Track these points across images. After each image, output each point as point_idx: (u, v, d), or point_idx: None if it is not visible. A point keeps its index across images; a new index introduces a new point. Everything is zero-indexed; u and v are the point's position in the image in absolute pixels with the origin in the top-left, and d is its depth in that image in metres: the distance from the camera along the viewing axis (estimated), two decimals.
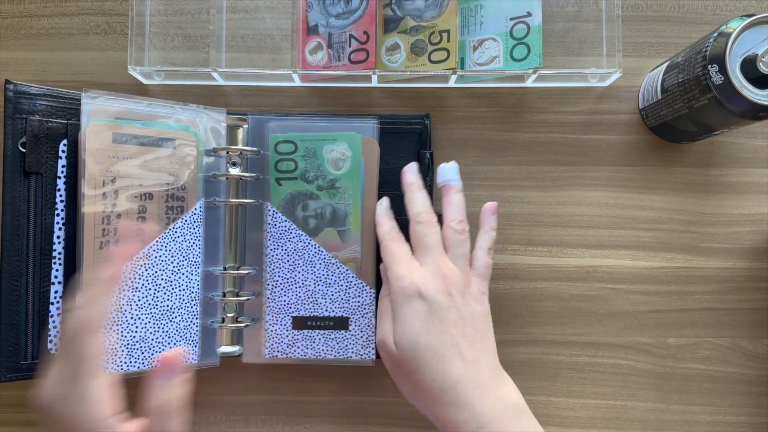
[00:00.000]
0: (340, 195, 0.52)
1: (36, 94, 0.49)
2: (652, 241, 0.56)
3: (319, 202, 0.52)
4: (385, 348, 0.46)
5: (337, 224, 0.52)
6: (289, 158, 0.52)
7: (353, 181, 0.52)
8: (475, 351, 0.45)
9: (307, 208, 0.52)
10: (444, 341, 0.44)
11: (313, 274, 0.52)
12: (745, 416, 0.55)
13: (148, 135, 0.50)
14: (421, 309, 0.45)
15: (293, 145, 0.52)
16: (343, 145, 0.52)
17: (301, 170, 0.52)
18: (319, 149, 0.52)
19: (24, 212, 0.49)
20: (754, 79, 0.43)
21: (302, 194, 0.52)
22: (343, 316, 0.52)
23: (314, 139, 0.52)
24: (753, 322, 0.56)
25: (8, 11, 0.57)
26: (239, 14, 0.57)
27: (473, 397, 0.43)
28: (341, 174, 0.52)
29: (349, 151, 0.52)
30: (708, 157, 0.56)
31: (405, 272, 0.46)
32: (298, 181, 0.52)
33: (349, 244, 0.52)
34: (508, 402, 0.45)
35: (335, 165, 0.52)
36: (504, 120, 0.57)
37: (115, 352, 0.49)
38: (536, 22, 0.54)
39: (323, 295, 0.52)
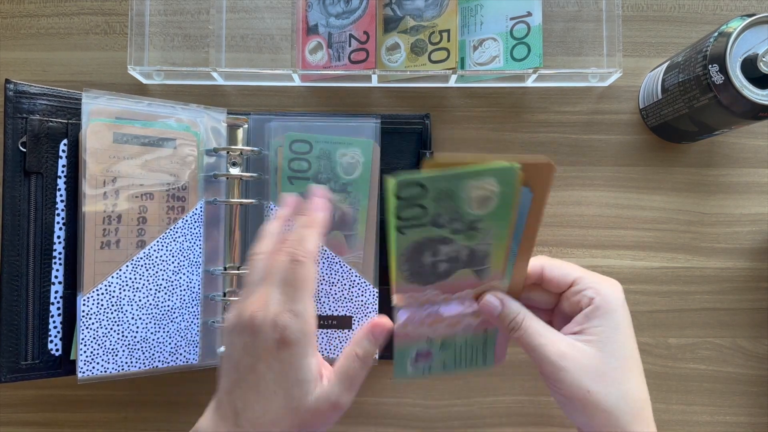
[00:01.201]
0: (351, 199, 0.52)
1: (36, 93, 0.49)
2: (653, 241, 0.56)
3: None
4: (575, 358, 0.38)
5: (345, 228, 0.52)
6: (303, 158, 0.52)
7: (363, 187, 0.52)
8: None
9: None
10: (638, 352, 0.41)
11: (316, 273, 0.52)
12: (746, 416, 0.55)
13: (148, 135, 0.50)
14: (625, 315, 0.40)
15: (308, 145, 0.52)
16: (356, 150, 0.52)
17: (315, 171, 0.52)
18: (333, 152, 0.52)
19: (24, 212, 0.48)
20: (754, 78, 0.44)
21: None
22: (346, 315, 0.52)
23: (329, 141, 0.52)
24: (753, 322, 0.56)
25: (8, 11, 0.57)
26: (239, 14, 0.57)
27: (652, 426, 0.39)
28: (352, 179, 0.52)
29: (362, 157, 0.52)
30: (708, 157, 0.56)
31: (603, 279, 0.41)
32: (310, 181, 0.52)
33: (355, 249, 0.52)
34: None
35: (347, 169, 0.52)
36: (504, 120, 0.57)
37: (116, 351, 0.49)
38: (536, 21, 0.54)
39: (326, 294, 0.52)
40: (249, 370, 0.37)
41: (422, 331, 0.42)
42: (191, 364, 0.52)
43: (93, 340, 0.48)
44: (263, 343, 0.37)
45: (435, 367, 0.43)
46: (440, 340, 0.42)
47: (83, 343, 0.48)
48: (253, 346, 0.37)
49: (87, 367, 0.48)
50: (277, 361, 0.37)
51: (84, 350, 0.48)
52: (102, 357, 0.48)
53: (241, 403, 0.37)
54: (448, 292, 0.40)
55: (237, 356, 0.38)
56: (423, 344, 0.42)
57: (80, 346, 0.48)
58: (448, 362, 0.43)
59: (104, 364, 0.48)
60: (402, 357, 0.42)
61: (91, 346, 0.48)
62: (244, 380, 0.37)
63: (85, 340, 0.48)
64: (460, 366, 0.44)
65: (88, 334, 0.48)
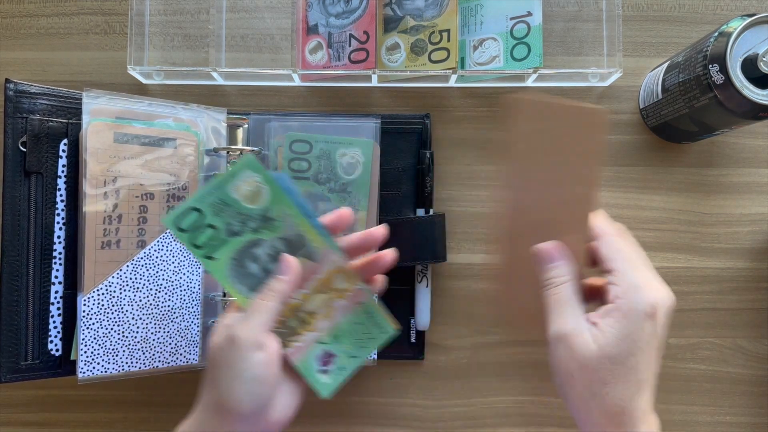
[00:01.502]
0: (351, 200, 0.52)
1: (36, 93, 0.49)
2: (653, 241, 0.56)
3: (329, 205, 0.52)
4: (573, 343, 0.38)
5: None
6: (303, 158, 0.52)
7: (363, 187, 0.52)
8: (654, 388, 0.40)
9: (316, 210, 0.52)
10: (650, 370, 0.39)
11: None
12: (746, 416, 0.55)
13: (149, 135, 0.50)
14: (648, 329, 0.38)
15: (308, 145, 0.52)
16: (356, 150, 0.52)
17: (315, 171, 0.52)
18: (333, 152, 0.52)
19: (24, 212, 0.48)
20: (754, 78, 0.44)
21: (314, 195, 0.52)
22: None
23: (329, 141, 0.52)
24: (753, 322, 0.56)
25: (8, 11, 0.57)
26: (239, 14, 0.57)
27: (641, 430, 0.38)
28: (352, 179, 0.52)
29: (362, 157, 0.52)
30: (708, 157, 0.56)
31: (645, 283, 0.39)
32: (310, 181, 0.52)
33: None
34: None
35: (347, 169, 0.52)
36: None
37: (116, 351, 0.49)
38: (536, 21, 0.54)
39: None
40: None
41: (308, 338, 0.43)
42: (191, 364, 0.52)
43: (93, 340, 0.48)
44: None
45: (344, 362, 0.44)
46: (329, 335, 0.43)
47: (83, 343, 0.48)
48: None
49: (87, 368, 0.48)
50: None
51: (84, 350, 0.48)
52: (102, 357, 0.48)
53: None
54: (300, 289, 0.42)
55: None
56: (317, 348, 0.43)
57: (80, 346, 0.48)
58: (352, 351, 0.44)
59: (104, 364, 0.48)
60: (311, 373, 0.43)
61: (92, 346, 0.48)
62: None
63: (86, 340, 0.48)
64: (365, 347, 0.45)
65: (88, 334, 0.48)
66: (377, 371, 0.55)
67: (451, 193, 0.56)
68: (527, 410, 0.55)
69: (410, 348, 0.55)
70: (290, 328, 0.42)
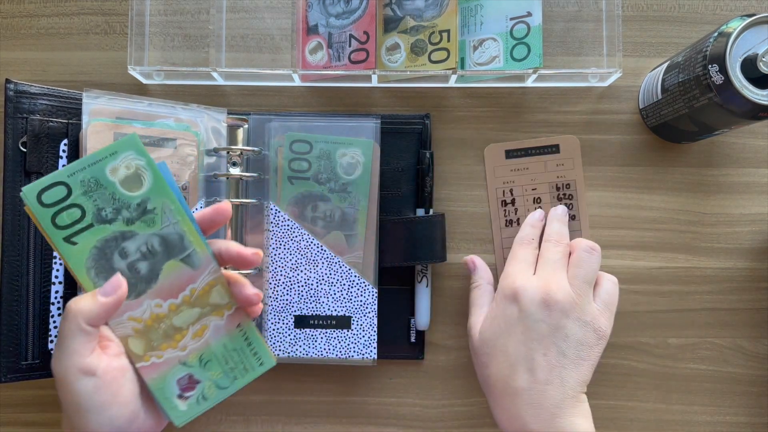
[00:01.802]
0: (351, 200, 0.52)
1: (36, 93, 0.49)
2: (653, 241, 0.56)
3: (329, 205, 0.52)
4: (470, 333, 0.49)
5: (346, 228, 0.52)
6: (303, 158, 0.52)
7: (363, 187, 0.52)
8: (550, 373, 0.44)
9: (316, 210, 0.52)
10: (519, 351, 0.44)
11: (316, 273, 0.52)
12: (746, 416, 0.55)
13: (149, 135, 0.50)
14: (511, 312, 0.45)
15: (308, 145, 0.52)
16: (356, 150, 0.52)
17: (315, 171, 0.52)
18: (333, 152, 0.52)
19: (24, 212, 0.48)
20: (754, 78, 0.43)
21: (314, 195, 0.52)
22: (345, 315, 0.52)
23: (329, 141, 0.52)
24: (753, 322, 0.56)
25: (8, 11, 0.57)
26: (239, 14, 0.57)
27: (527, 414, 0.43)
28: (352, 179, 0.52)
29: (362, 158, 0.52)
30: (708, 157, 0.56)
31: (513, 273, 0.48)
32: (310, 181, 0.52)
33: (355, 249, 0.52)
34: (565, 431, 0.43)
35: (347, 169, 0.52)
36: (504, 120, 0.57)
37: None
38: (536, 21, 0.54)
39: (326, 294, 0.52)
40: None
41: (169, 356, 0.37)
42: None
43: None
44: None
45: (209, 392, 0.39)
46: (196, 357, 0.38)
47: None
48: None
49: None
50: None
51: None
52: None
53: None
54: (171, 297, 0.36)
55: None
56: (179, 369, 0.38)
57: None
58: (221, 381, 0.39)
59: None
60: (165, 396, 0.37)
61: None
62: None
63: None
64: (237, 378, 0.39)
65: None
66: (377, 371, 0.55)
67: (451, 193, 0.56)
68: None
69: (410, 348, 0.55)
70: (149, 340, 0.37)
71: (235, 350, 0.38)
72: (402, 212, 0.54)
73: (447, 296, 0.56)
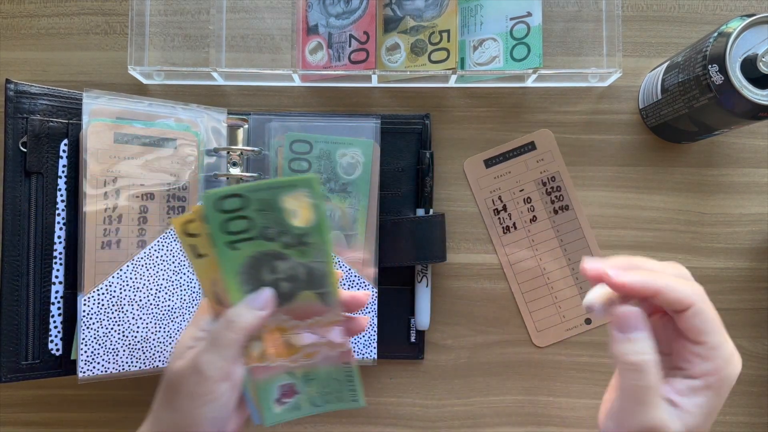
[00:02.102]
0: (351, 200, 0.52)
1: (37, 93, 0.49)
2: (652, 241, 0.56)
3: (330, 205, 0.52)
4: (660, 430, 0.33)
5: (346, 228, 0.52)
6: (303, 158, 0.52)
7: (363, 187, 0.52)
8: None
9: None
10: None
11: None
12: (745, 416, 0.55)
13: (149, 135, 0.50)
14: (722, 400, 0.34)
15: (308, 145, 0.52)
16: (356, 150, 0.52)
17: (315, 171, 0.52)
18: (333, 152, 0.52)
19: (25, 212, 0.48)
20: (754, 79, 0.44)
21: None
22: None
23: (329, 141, 0.52)
24: (753, 322, 0.56)
25: (8, 11, 0.57)
26: (239, 14, 0.57)
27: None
28: (352, 179, 0.52)
29: (362, 157, 0.52)
30: (708, 157, 0.56)
31: (732, 355, 0.34)
32: None
33: (355, 248, 0.52)
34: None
35: (347, 169, 0.52)
36: (504, 120, 0.57)
37: (116, 351, 0.49)
38: (536, 22, 0.54)
39: None
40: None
41: (280, 364, 0.40)
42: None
43: (93, 340, 0.48)
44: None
45: (303, 404, 0.41)
46: (302, 372, 0.40)
47: (84, 343, 0.48)
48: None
49: (87, 367, 0.48)
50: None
51: (84, 350, 0.48)
52: (102, 357, 0.48)
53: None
54: (298, 318, 0.38)
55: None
56: (284, 378, 0.40)
57: (81, 346, 0.48)
58: (315, 399, 0.41)
59: (105, 364, 0.48)
60: (266, 396, 0.40)
61: (92, 346, 0.48)
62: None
63: (86, 340, 0.48)
64: (329, 402, 0.42)
65: (88, 333, 0.48)
66: (377, 371, 0.55)
67: (451, 193, 0.56)
68: (527, 410, 0.55)
69: (410, 348, 0.55)
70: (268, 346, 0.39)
71: (336, 380, 0.41)
72: (402, 212, 0.54)
73: (447, 296, 0.56)
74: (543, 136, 0.56)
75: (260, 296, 0.37)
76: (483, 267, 0.56)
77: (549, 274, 0.56)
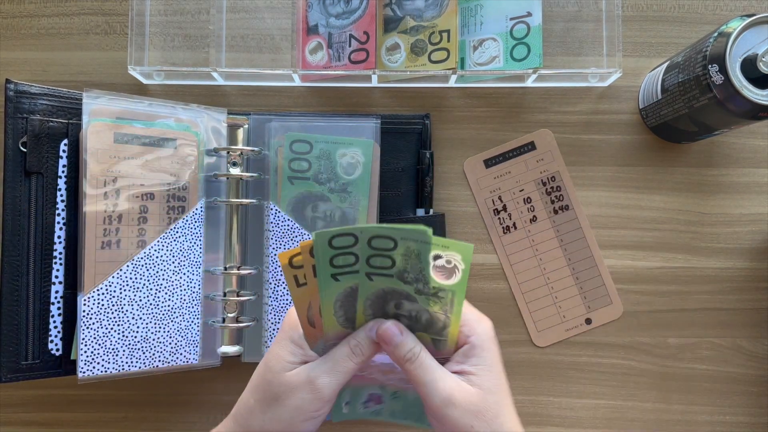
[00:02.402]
0: (351, 200, 0.52)
1: (37, 93, 0.49)
2: (652, 241, 0.56)
3: (329, 205, 0.52)
4: (458, 399, 0.38)
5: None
6: (303, 158, 0.52)
7: (363, 187, 0.52)
8: None
9: (316, 210, 0.52)
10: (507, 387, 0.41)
11: None
12: (745, 416, 0.55)
13: (149, 135, 0.50)
14: (496, 349, 0.41)
15: (308, 145, 0.52)
16: (356, 150, 0.52)
17: (315, 171, 0.52)
18: (333, 152, 0.52)
19: (25, 212, 0.48)
20: (754, 78, 0.44)
21: (314, 195, 0.52)
22: None
23: (329, 141, 0.52)
24: (753, 322, 0.56)
25: (8, 11, 0.57)
26: (239, 14, 0.57)
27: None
28: (352, 179, 0.52)
29: (362, 157, 0.52)
30: (708, 157, 0.56)
31: (475, 315, 0.41)
32: (310, 181, 0.52)
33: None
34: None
35: (347, 169, 0.52)
36: (504, 120, 0.57)
37: (116, 351, 0.49)
38: (536, 22, 0.54)
39: None
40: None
41: (376, 377, 0.43)
42: (191, 364, 0.52)
43: (93, 340, 0.48)
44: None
45: (384, 412, 0.44)
46: (393, 389, 0.43)
47: (83, 343, 0.48)
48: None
49: (87, 367, 0.48)
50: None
51: (84, 350, 0.48)
52: (102, 357, 0.48)
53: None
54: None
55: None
56: (376, 389, 0.43)
57: (80, 346, 0.48)
58: (396, 412, 0.44)
59: (104, 364, 0.48)
60: (355, 396, 0.43)
61: (92, 346, 0.48)
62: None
63: (86, 340, 0.48)
64: (405, 419, 0.44)
65: (88, 334, 0.48)
66: None
67: (451, 193, 0.56)
68: (527, 410, 0.55)
69: None
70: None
71: (418, 405, 0.43)
72: (402, 212, 0.54)
73: None
74: (543, 136, 0.56)
75: (387, 330, 0.39)
76: (483, 267, 0.56)
77: (549, 274, 0.56)
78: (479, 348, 0.39)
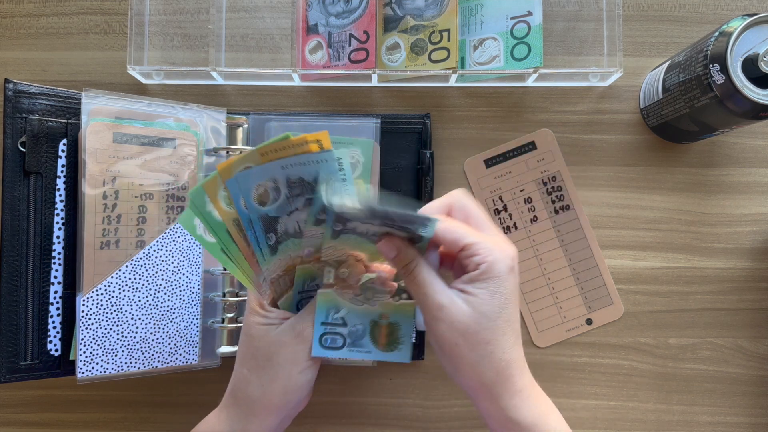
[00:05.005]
0: None
1: (36, 93, 0.49)
2: (653, 241, 0.56)
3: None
4: (450, 313, 0.39)
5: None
6: None
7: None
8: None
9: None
10: (518, 318, 0.41)
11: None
12: (746, 416, 0.55)
13: (148, 135, 0.50)
14: (513, 281, 0.40)
15: None
16: (356, 150, 0.52)
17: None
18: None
19: (24, 212, 0.48)
20: (755, 78, 0.43)
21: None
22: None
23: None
24: (753, 322, 0.56)
25: (8, 11, 0.57)
26: (239, 14, 0.57)
27: (524, 382, 0.41)
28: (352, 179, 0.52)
29: (362, 157, 0.52)
30: (709, 157, 0.56)
31: (498, 243, 0.40)
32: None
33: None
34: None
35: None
36: (504, 119, 0.57)
37: (115, 352, 0.49)
38: (537, 21, 0.54)
39: None
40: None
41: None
42: (191, 364, 0.52)
43: (92, 341, 0.48)
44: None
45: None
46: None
47: (83, 344, 0.48)
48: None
49: (86, 368, 0.48)
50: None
51: (83, 350, 0.48)
52: (101, 357, 0.48)
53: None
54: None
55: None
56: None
57: (80, 347, 0.48)
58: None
59: (104, 365, 0.48)
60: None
61: (91, 347, 0.48)
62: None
63: (85, 340, 0.48)
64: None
65: (87, 334, 0.48)
66: (377, 371, 0.55)
67: None
68: None
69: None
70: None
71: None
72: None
73: None
74: (543, 136, 0.56)
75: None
76: None
77: (550, 275, 0.56)
78: (487, 275, 0.39)
